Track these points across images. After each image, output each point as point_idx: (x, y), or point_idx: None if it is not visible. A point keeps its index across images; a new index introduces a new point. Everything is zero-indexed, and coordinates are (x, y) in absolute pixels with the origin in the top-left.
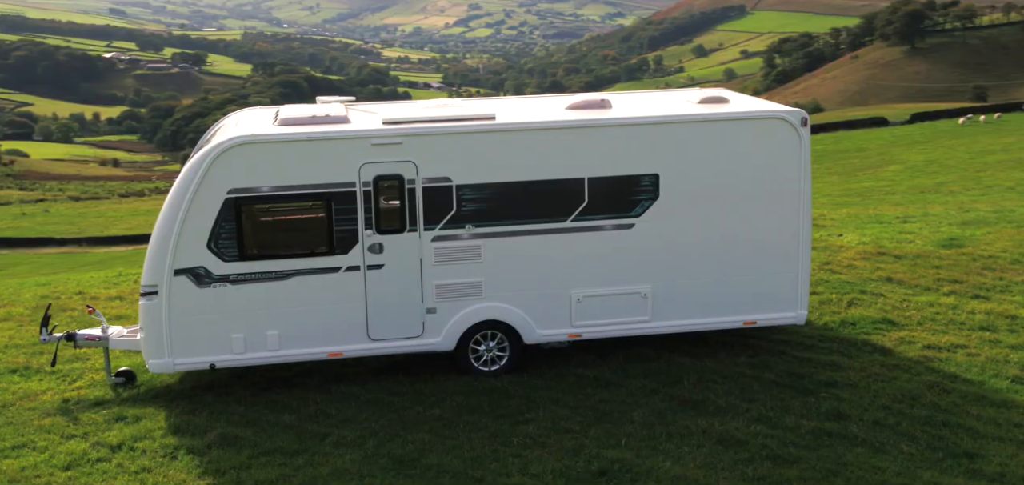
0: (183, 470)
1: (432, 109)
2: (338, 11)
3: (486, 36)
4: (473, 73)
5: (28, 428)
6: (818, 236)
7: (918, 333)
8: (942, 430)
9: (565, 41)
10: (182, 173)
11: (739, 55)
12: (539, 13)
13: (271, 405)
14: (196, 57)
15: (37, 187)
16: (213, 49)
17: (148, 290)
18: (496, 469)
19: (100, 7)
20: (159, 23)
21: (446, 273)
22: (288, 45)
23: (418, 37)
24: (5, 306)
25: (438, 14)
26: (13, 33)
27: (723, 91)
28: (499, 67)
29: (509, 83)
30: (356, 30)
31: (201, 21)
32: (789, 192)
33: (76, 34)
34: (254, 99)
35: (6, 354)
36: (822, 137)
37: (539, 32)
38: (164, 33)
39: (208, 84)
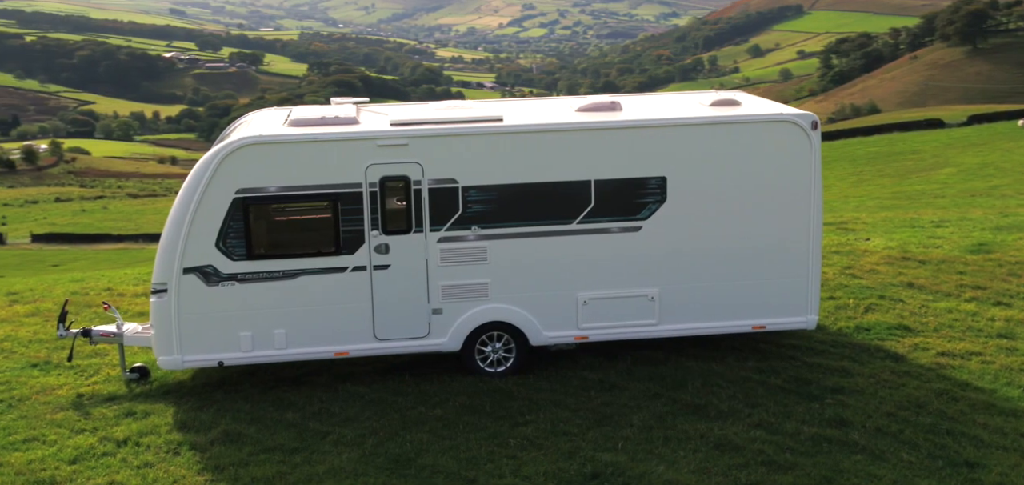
0: (184, 466)
1: (440, 111)
2: (393, 11)
3: (540, 36)
4: (526, 73)
5: (40, 422)
6: (844, 240)
7: (933, 339)
8: (945, 439)
9: (619, 41)
10: (192, 173)
11: (796, 55)
12: (593, 13)
13: (277, 403)
14: (253, 57)
15: (97, 184)
16: (270, 49)
17: (158, 288)
18: (490, 470)
19: (161, 7)
20: (218, 23)
21: (452, 274)
22: (343, 45)
23: (472, 37)
24: (35, 301)
25: (492, 14)
26: (77, 33)
27: (737, 93)
28: (552, 67)
29: (562, 83)
30: (411, 30)
31: (259, 21)
32: (799, 196)
33: (137, 34)
34: (309, 98)
35: (29, 349)
36: (876, 139)
37: (593, 32)
38: (222, 33)
39: (264, 83)
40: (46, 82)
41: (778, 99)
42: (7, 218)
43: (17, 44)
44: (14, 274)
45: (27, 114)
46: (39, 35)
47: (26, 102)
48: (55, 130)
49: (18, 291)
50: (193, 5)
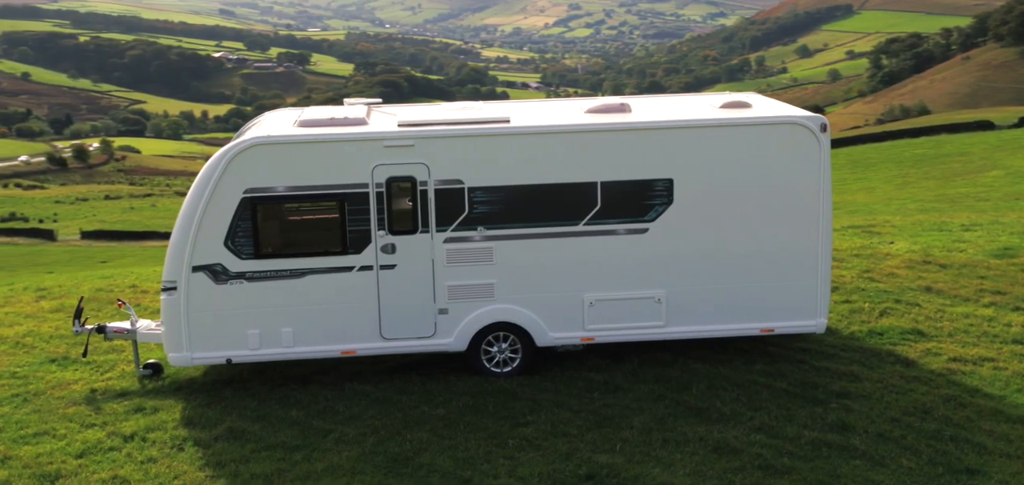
0: (186, 461)
1: (448, 112)
2: (439, 11)
3: (585, 36)
4: (571, 73)
5: (53, 416)
6: (867, 243)
7: (947, 345)
8: (948, 445)
9: (665, 41)
10: (201, 173)
11: (845, 55)
12: (639, 13)
13: (283, 400)
14: (300, 57)
15: (146, 182)
16: (317, 49)
17: (168, 285)
18: (486, 470)
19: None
20: (266, 23)
21: (458, 274)
22: (389, 45)
23: (518, 37)
24: (61, 297)
25: (538, 14)
26: (129, 33)
27: (749, 96)
28: (598, 67)
29: (607, 83)
30: (456, 30)
31: (306, 21)
32: (808, 198)
33: (188, 34)
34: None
35: (50, 344)
36: (923, 141)
37: (639, 32)
38: (271, 33)
39: (311, 83)
40: (98, 81)
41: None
42: (58, 215)
43: (71, 44)
44: (63, 270)
45: (80, 113)
46: (92, 35)
47: (79, 101)
48: (107, 129)
49: (47, 287)
50: (242, 5)
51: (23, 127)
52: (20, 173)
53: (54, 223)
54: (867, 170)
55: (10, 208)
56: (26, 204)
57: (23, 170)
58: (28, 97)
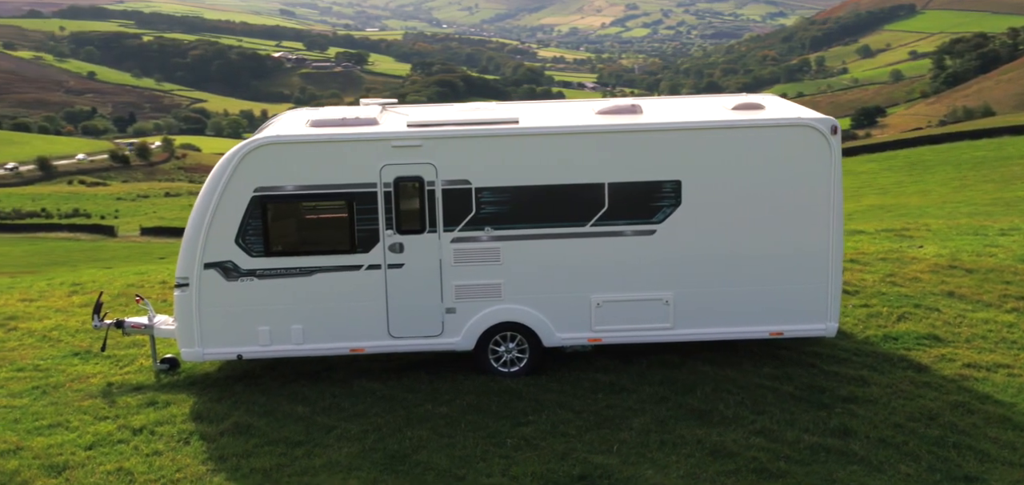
0: (190, 455)
1: (457, 113)
2: (496, 11)
3: (643, 36)
4: (628, 73)
5: (68, 408)
6: (895, 247)
7: (962, 350)
8: (950, 452)
9: (723, 41)
10: (213, 171)
11: (907, 56)
12: (698, 13)
13: (291, 396)
14: (358, 56)
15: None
16: (375, 49)
17: (181, 282)
18: (480, 469)
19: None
20: (325, 23)
21: (465, 274)
22: (446, 45)
23: (574, 37)
24: (93, 292)
25: (595, 14)
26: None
27: (762, 97)
28: (655, 67)
29: (664, 83)
30: (513, 30)
31: (365, 21)
32: (819, 201)
33: (248, 34)
34: (411, 98)
35: (75, 338)
36: (984, 143)
37: (697, 32)
38: (329, 33)
39: (369, 83)
40: (161, 80)
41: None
42: (120, 211)
43: (135, 44)
44: (123, 265)
45: (143, 111)
46: (156, 35)
47: (142, 100)
48: (169, 127)
49: (82, 282)
50: (302, 6)
51: (88, 125)
52: (84, 170)
53: (115, 219)
54: (925, 172)
55: (74, 204)
56: (89, 200)
57: (87, 167)
58: (94, 96)
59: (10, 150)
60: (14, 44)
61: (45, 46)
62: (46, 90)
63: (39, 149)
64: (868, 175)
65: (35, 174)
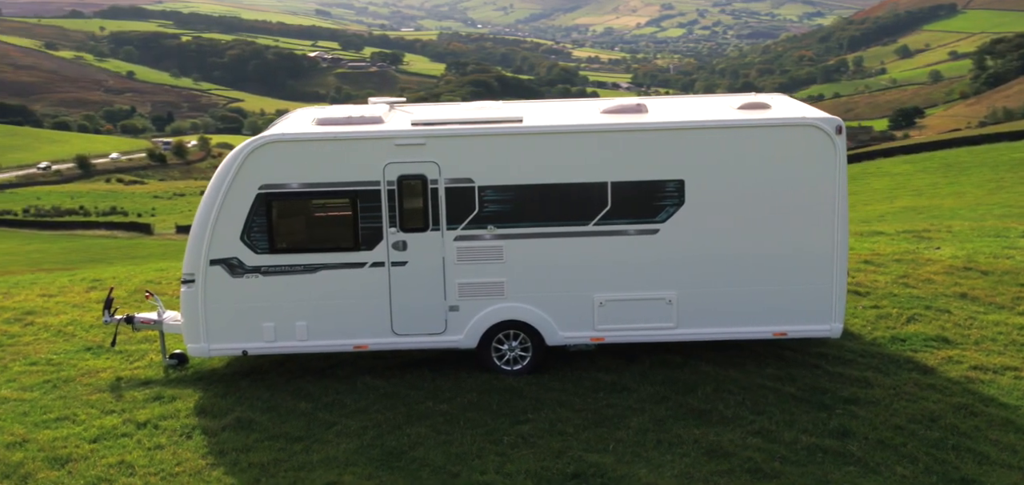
0: (192, 449)
1: (462, 112)
2: (531, 11)
3: (678, 36)
4: (663, 73)
5: (77, 402)
6: (912, 248)
7: (970, 353)
8: (948, 454)
9: (760, 41)
10: (218, 169)
11: (947, 56)
12: (734, 13)
13: (295, 392)
14: (393, 56)
15: None
16: (410, 49)
17: (187, 278)
18: (475, 466)
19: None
20: (361, 23)
21: (468, 272)
22: (481, 45)
23: (609, 37)
24: (112, 287)
25: (630, 14)
26: (229, 33)
27: (768, 97)
28: (690, 68)
29: (700, 84)
30: (548, 30)
31: (400, 22)
32: (823, 201)
33: (285, 34)
34: (446, 97)
35: (89, 333)
36: (1023, 144)
37: (733, 32)
38: (365, 33)
39: (403, 83)
40: (199, 80)
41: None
42: (156, 209)
43: (174, 44)
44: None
45: (181, 111)
46: (194, 35)
47: (180, 99)
48: (206, 126)
49: (102, 278)
50: (338, 6)
51: (127, 124)
52: (122, 168)
53: (152, 217)
54: (960, 174)
55: (111, 202)
56: (126, 199)
57: (125, 165)
58: (133, 95)
59: (50, 149)
60: (55, 44)
61: (85, 46)
62: (86, 89)
63: (78, 148)
64: (903, 176)
65: (74, 172)
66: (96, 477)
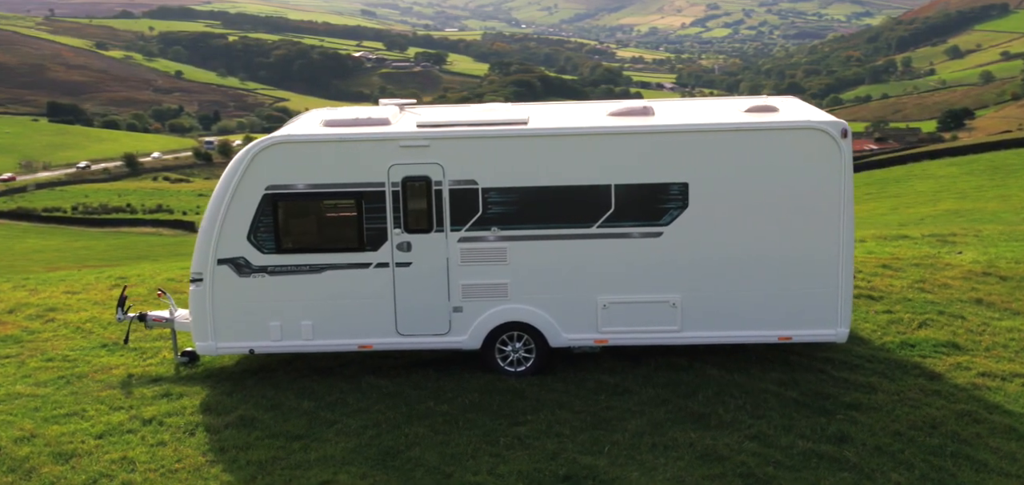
0: (193, 446)
1: (468, 113)
2: (575, 11)
3: (723, 36)
4: (708, 74)
5: (87, 398)
6: (932, 253)
7: (980, 359)
8: (946, 461)
9: (806, 41)
10: (226, 169)
11: (999, 56)
12: (780, 13)
13: (299, 391)
14: (437, 56)
15: None
16: (454, 49)
17: (195, 277)
18: (469, 466)
19: (353, 8)
20: (405, 24)
21: (472, 273)
22: (525, 45)
23: (654, 37)
24: (135, 285)
25: (675, 14)
26: (275, 33)
27: (778, 99)
28: (735, 68)
29: (744, 84)
30: (592, 30)
31: (444, 22)
32: (828, 205)
33: (330, 34)
34: (489, 97)
35: (107, 330)
36: None
37: (779, 32)
38: (409, 33)
39: (447, 82)
40: (245, 79)
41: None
42: (201, 208)
43: (221, 44)
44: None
45: (227, 110)
46: (241, 35)
47: (227, 98)
48: (251, 125)
49: (127, 275)
50: (383, 6)
51: (175, 123)
52: (169, 167)
53: (196, 215)
54: (1007, 177)
55: (157, 200)
56: (172, 197)
57: (172, 164)
58: (181, 94)
59: (99, 147)
60: (106, 44)
61: (135, 46)
62: (135, 89)
63: (126, 146)
64: (948, 179)
65: (122, 170)
66: (98, 473)
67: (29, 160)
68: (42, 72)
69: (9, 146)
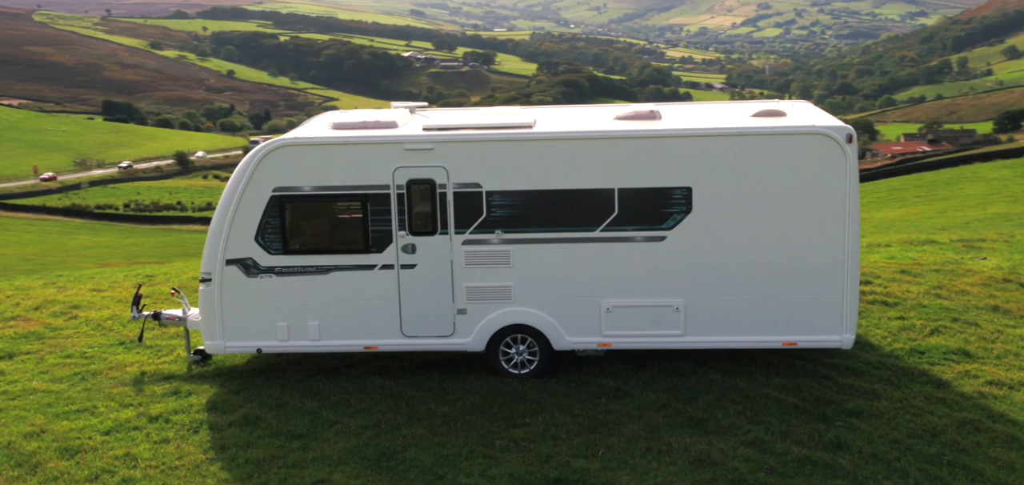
0: (195, 444)
1: (474, 117)
2: (624, 11)
3: (774, 36)
4: (758, 74)
5: (99, 394)
6: (954, 258)
7: (989, 368)
8: (942, 470)
9: (859, 41)
10: (234, 172)
11: None
12: (833, 12)
13: (304, 391)
14: (486, 56)
15: None
16: (502, 49)
17: (205, 277)
18: (462, 468)
19: (403, 8)
20: (454, 23)
21: (476, 276)
22: (573, 45)
23: (703, 37)
24: (161, 283)
25: (725, 14)
26: (325, 33)
27: (788, 103)
28: (786, 68)
29: (796, 85)
30: (641, 30)
31: (493, 22)
32: (833, 210)
33: (379, 34)
34: (536, 98)
35: (126, 328)
36: None
37: (832, 32)
38: (458, 33)
39: (495, 83)
40: (296, 79)
41: None
42: None
43: (272, 43)
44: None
45: (278, 109)
46: (292, 35)
47: (278, 98)
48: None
49: (152, 274)
50: (432, 6)
51: (226, 121)
52: (219, 165)
53: None
54: None
55: (207, 198)
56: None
57: (222, 162)
58: (232, 93)
59: (152, 145)
60: (160, 44)
61: (189, 46)
62: (188, 88)
63: (178, 145)
64: (999, 182)
65: (174, 168)
66: (100, 468)
67: (84, 158)
68: (98, 71)
69: (65, 144)
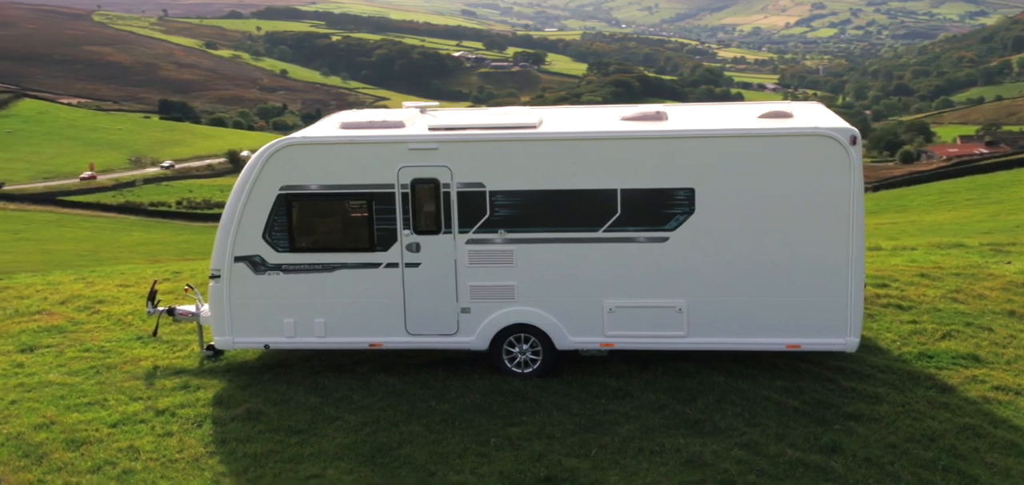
0: (197, 438)
1: (479, 117)
2: (676, 11)
3: (828, 36)
4: (812, 74)
5: (111, 388)
6: (979, 262)
7: (998, 373)
8: (935, 475)
9: (916, 42)
10: (243, 170)
11: None
12: (889, 12)
13: (309, 387)
14: (536, 56)
15: None
16: (553, 48)
17: (214, 274)
18: (454, 465)
19: (454, 8)
20: (505, 23)
21: (480, 275)
22: (624, 45)
23: (756, 37)
24: (184, 281)
25: (779, 13)
26: (377, 33)
27: (795, 105)
28: (840, 69)
29: (850, 85)
30: (693, 30)
31: (544, 21)
32: (837, 212)
33: (431, 34)
34: (586, 98)
35: (146, 323)
36: None
37: (888, 32)
38: (509, 33)
39: (545, 83)
40: (347, 79)
41: None
42: None
43: (325, 43)
44: None
45: (329, 108)
46: (344, 35)
47: (329, 97)
48: None
49: (180, 270)
50: (483, 6)
51: (279, 121)
52: None
53: None
54: None
55: None
56: None
57: None
58: (285, 93)
59: (205, 143)
60: (215, 43)
61: (243, 45)
62: (242, 87)
63: (231, 143)
64: None
65: (226, 167)
66: (103, 460)
67: (139, 156)
68: (155, 71)
69: (120, 142)
